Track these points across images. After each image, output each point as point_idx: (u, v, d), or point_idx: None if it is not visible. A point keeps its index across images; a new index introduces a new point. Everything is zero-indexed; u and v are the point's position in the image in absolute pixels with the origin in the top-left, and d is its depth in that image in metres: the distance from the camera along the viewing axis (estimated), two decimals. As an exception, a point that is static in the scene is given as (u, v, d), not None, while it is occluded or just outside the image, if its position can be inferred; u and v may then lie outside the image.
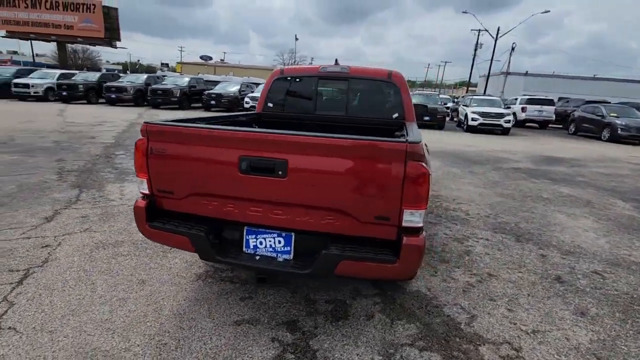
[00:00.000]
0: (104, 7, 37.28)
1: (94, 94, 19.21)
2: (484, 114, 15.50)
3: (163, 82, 19.65)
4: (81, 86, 18.72)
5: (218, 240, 2.10)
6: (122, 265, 2.90)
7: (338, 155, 1.77)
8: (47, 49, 53.85)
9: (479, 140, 13.37)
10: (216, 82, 21.61)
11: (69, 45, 41.56)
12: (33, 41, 39.72)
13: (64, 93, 18.53)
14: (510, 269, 3.26)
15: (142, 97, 19.00)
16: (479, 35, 40.87)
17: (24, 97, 18.76)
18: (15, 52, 77.91)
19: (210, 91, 18.81)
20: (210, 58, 71.78)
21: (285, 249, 2.04)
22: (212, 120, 2.75)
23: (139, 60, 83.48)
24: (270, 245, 2.05)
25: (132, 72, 53.58)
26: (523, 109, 19.60)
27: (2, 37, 38.23)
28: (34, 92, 18.67)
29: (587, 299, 2.82)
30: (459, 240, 3.83)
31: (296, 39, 45.12)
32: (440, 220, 4.40)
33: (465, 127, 16.30)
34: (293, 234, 2.02)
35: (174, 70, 59.54)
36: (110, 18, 38.63)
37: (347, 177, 1.78)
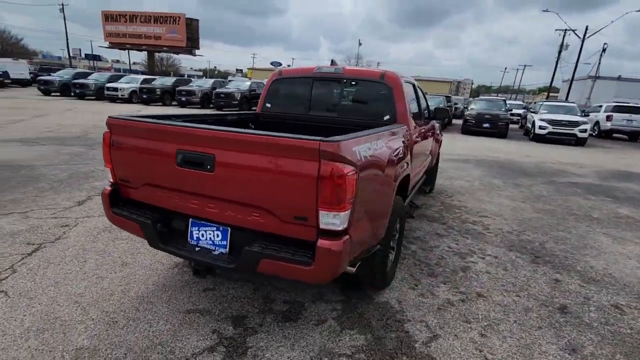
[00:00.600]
0: (187, 19, 41.16)
1: (169, 96, 21.27)
2: (553, 122, 13.95)
3: (227, 87, 21.05)
4: (158, 90, 20.86)
5: (167, 230, 2.22)
6: (116, 248, 3.20)
7: (257, 152, 1.76)
8: (140, 57, 61.11)
9: (542, 150, 12.07)
10: None
11: (157, 53, 46.53)
12: (130, 50, 45.40)
13: (144, 96, 20.80)
14: (507, 291, 2.91)
15: (208, 100, 20.53)
16: (564, 35, 36.86)
17: (113, 99, 21.43)
18: (117, 61, 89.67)
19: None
20: (280, 64, 75.09)
21: (222, 242, 2.07)
22: (189, 117, 2.90)
23: (216, 67, 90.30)
24: (210, 238, 2.11)
25: (210, 77, 58.26)
26: (608, 118, 17.25)
27: (106, 47, 44.20)
28: (121, 95, 21.23)
29: (588, 335, 2.40)
30: (460, 255, 3.51)
31: (359, 43, 45.02)
32: (450, 233, 4.08)
33: (531, 135, 14.83)
34: (229, 228, 2.05)
35: (245, 75, 63.32)
36: (192, 29, 42.47)
37: (266, 174, 1.77)
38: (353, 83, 3.37)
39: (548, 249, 3.82)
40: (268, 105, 3.74)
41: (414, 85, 3.96)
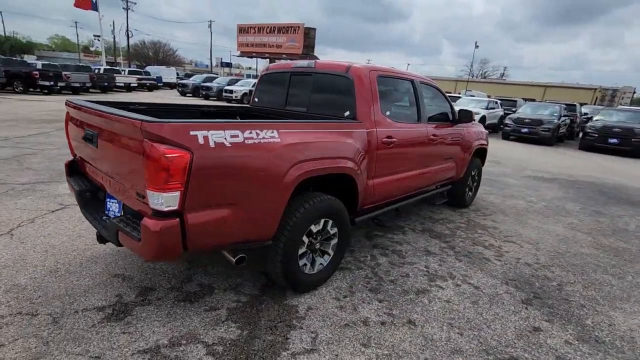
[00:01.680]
0: (305, 28, 44.28)
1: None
2: None
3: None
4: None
5: (94, 199, 2.55)
6: (113, 216, 3.76)
7: (110, 130, 1.91)
8: (263, 64, 68.39)
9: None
10: None
11: (277, 60, 51.30)
12: (257, 58, 51.28)
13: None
14: (451, 326, 2.41)
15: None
16: None
17: (229, 100, 24.50)
18: (250, 67, 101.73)
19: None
20: (395, 70, 74.46)
21: (117, 214, 2.29)
22: (178, 106, 3.24)
23: None
24: (114, 210, 2.35)
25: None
26: None
27: (238, 56, 50.72)
28: (235, 97, 24.11)
29: (508, 400, 1.84)
30: (430, 278, 3.03)
31: (476, 46, 41.08)
32: (443, 253, 3.54)
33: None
34: (122, 202, 2.25)
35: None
36: (309, 37, 45.46)
37: (117, 150, 1.90)
38: (322, 78, 3.23)
39: (565, 292, 2.98)
40: (256, 99, 3.88)
41: (412, 83, 3.56)
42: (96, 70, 24.83)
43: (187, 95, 26.70)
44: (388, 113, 3.16)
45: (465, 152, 4.50)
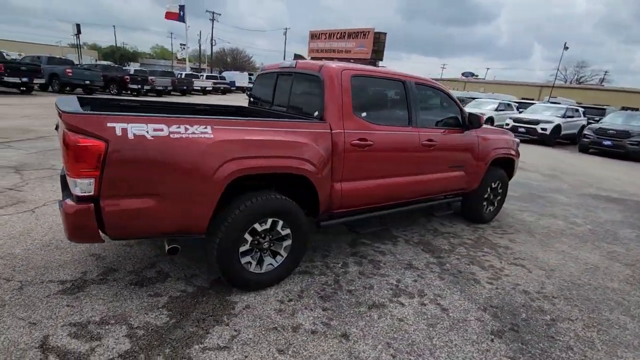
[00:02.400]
0: (375, 33, 43.97)
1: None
2: None
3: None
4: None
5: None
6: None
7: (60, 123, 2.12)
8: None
9: None
10: (464, 100, 19.94)
11: (346, 66, 51.68)
12: (326, 64, 52.41)
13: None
14: (387, 345, 2.21)
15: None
16: None
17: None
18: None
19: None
20: (472, 74, 70.05)
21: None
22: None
23: None
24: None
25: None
26: None
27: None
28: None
29: None
30: (395, 293, 2.80)
31: (565, 47, 36.50)
32: (427, 268, 3.24)
33: None
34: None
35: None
36: (379, 42, 45.00)
37: (61, 141, 2.10)
38: (299, 78, 3.19)
39: (555, 329, 2.53)
40: (251, 99, 3.97)
41: (404, 84, 3.33)
42: (179, 76, 27.60)
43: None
44: (364, 115, 3.01)
45: (479, 161, 4.06)
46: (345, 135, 2.83)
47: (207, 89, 28.42)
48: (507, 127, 14.70)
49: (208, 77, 31.71)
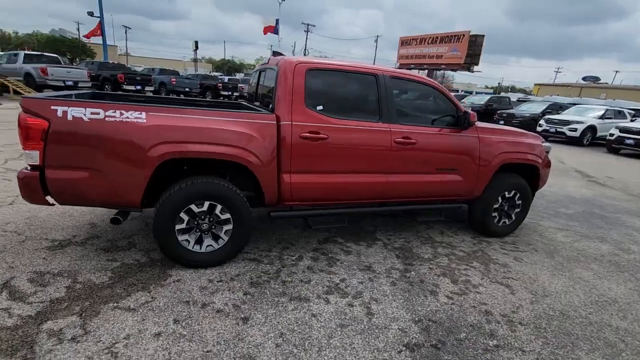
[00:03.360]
0: (471, 36, 40.98)
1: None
2: None
3: (461, 101, 20.07)
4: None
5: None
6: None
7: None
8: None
9: None
10: (564, 106, 17.46)
11: (435, 71, 49.30)
12: (413, 70, 50.97)
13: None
14: (275, 334, 2.18)
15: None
16: None
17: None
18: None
19: (503, 111, 17.17)
20: (596, 79, 60.41)
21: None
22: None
23: (499, 83, 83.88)
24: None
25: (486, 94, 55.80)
26: None
27: (397, 68, 51.54)
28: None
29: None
30: (331, 290, 2.71)
31: None
32: (388, 274, 3.04)
33: None
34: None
35: (529, 92, 56.00)
36: (475, 45, 41.80)
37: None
38: (267, 72, 3.29)
39: (493, 355, 2.16)
40: (246, 94, 4.21)
41: (376, 78, 3.18)
42: None
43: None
44: (320, 108, 2.99)
45: (481, 166, 3.62)
46: (293, 127, 2.86)
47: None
48: (610, 137, 12.45)
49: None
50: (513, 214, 4.03)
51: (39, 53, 15.93)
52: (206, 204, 2.73)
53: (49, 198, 2.49)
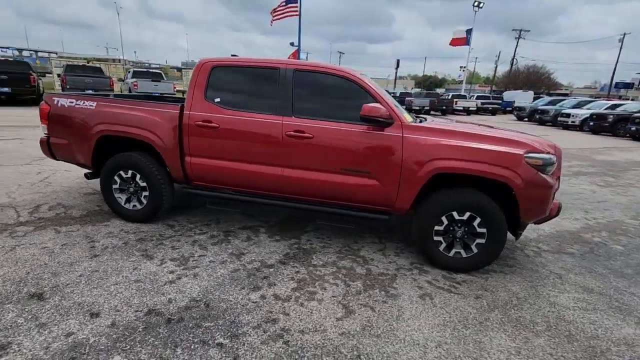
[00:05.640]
0: None
1: (622, 126, 17.01)
2: None
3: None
4: (610, 117, 17.35)
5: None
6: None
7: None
8: None
9: None
10: None
11: None
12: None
13: (592, 123, 18.15)
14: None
15: None
16: None
17: (565, 126, 20.37)
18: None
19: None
20: None
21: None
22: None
23: None
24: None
25: None
26: None
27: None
28: (571, 122, 19.76)
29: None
30: (174, 257, 3.04)
31: None
32: (221, 258, 3.05)
33: None
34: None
35: None
36: None
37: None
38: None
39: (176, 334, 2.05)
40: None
41: (278, 72, 3.18)
42: (447, 97, 28.72)
43: (524, 119, 24.78)
44: (217, 100, 3.33)
45: (404, 172, 2.97)
46: (190, 117, 3.34)
47: (470, 109, 27.73)
48: None
49: (479, 97, 30.70)
50: (473, 244, 3.01)
51: (144, 70, 20.77)
52: (129, 172, 3.59)
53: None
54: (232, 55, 3.72)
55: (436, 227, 3.04)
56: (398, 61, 58.54)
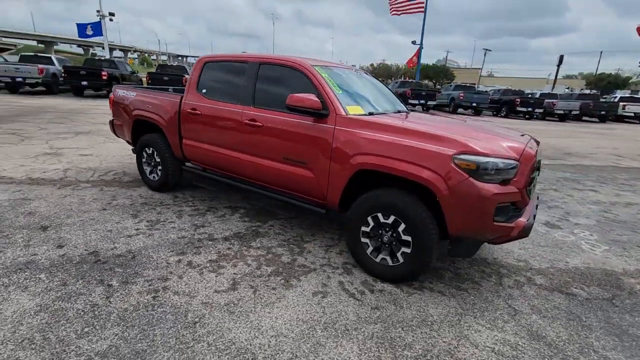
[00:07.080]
0: None
1: None
2: None
3: None
4: None
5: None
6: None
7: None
8: None
9: None
10: None
11: None
12: None
13: None
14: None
15: None
16: None
17: None
18: None
19: None
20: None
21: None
22: None
23: None
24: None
25: None
26: None
27: None
28: None
29: None
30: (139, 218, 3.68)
31: None
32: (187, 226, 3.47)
33: None
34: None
35: None
36: None
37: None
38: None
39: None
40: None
41: (247, 66, 3.46)
42: (614, 99, 23.43)
43: None
44: (204, 91, 3.83)
45: (335, 164, 2.87)
46: (184, 105, 3.95)
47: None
48: None
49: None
50: (399, 253, 2.69)
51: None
52: (151, 149, 4.45)
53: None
54: (242, 52, 4.18)
55: (363, 228, 2.84)
56: (561, 57, 49.56)
